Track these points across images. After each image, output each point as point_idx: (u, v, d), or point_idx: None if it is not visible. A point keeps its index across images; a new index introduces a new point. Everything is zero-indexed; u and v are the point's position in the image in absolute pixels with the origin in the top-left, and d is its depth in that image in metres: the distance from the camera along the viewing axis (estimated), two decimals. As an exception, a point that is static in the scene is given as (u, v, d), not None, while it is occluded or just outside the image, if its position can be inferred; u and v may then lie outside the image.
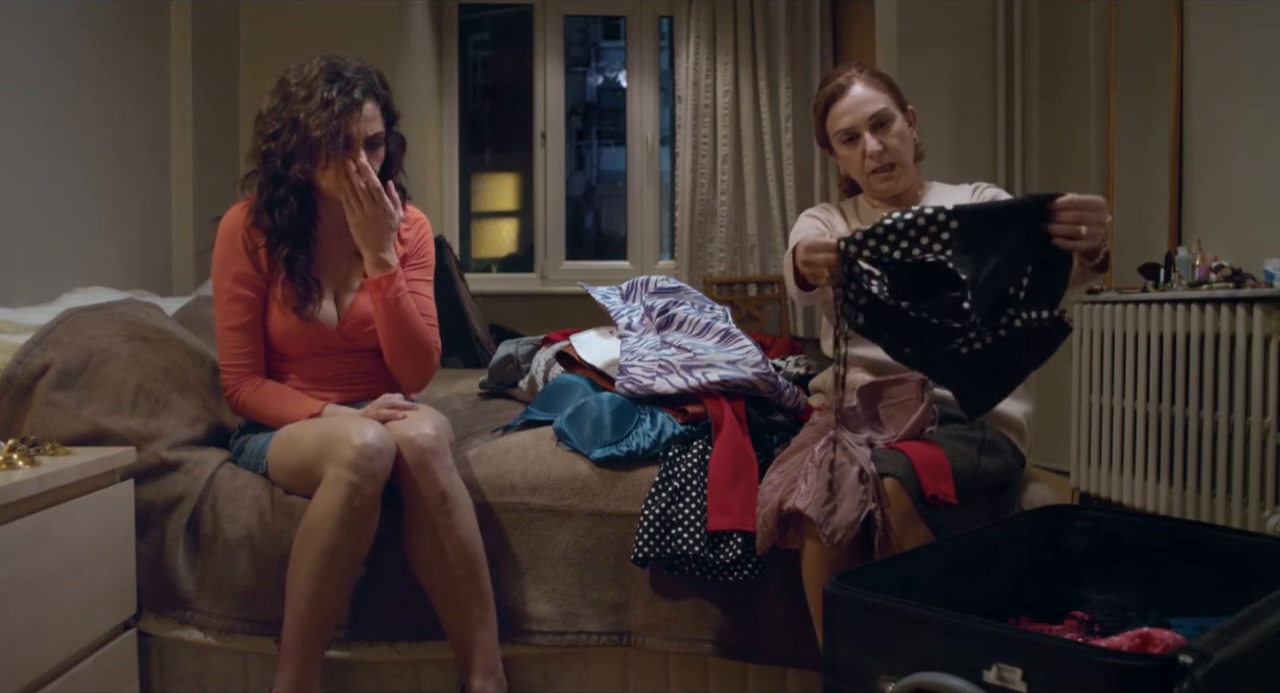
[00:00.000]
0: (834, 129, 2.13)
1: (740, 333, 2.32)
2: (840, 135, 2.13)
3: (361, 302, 2.11)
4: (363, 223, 2.00)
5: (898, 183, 2.13)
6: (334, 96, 1.94)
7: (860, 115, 2.09)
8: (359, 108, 1.97)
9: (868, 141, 2.08)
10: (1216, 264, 2.93)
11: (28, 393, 2.01)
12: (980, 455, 1.87)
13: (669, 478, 2.01)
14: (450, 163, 5.40)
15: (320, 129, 1.93)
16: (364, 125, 1.98)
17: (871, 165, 2.10)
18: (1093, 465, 3.42)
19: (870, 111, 2.08)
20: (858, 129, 2.09)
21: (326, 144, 1.94)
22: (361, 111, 1.97)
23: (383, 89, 2.04)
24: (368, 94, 1.99)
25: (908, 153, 2.13)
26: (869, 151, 2.09)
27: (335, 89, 1.95)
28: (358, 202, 1.99)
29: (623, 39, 5.54)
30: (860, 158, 2.11)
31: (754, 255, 5.11)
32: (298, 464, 1.92)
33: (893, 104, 2.11)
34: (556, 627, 2.00)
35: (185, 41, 3.66)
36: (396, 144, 2.11)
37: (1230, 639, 1.16)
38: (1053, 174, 4.31)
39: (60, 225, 2.93)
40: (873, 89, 2.11)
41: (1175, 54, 3.39)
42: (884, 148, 2.09)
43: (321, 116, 1.93)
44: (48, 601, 1.62)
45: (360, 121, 1.97)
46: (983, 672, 1.18)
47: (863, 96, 2.10)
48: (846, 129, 2.11)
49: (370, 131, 1.99)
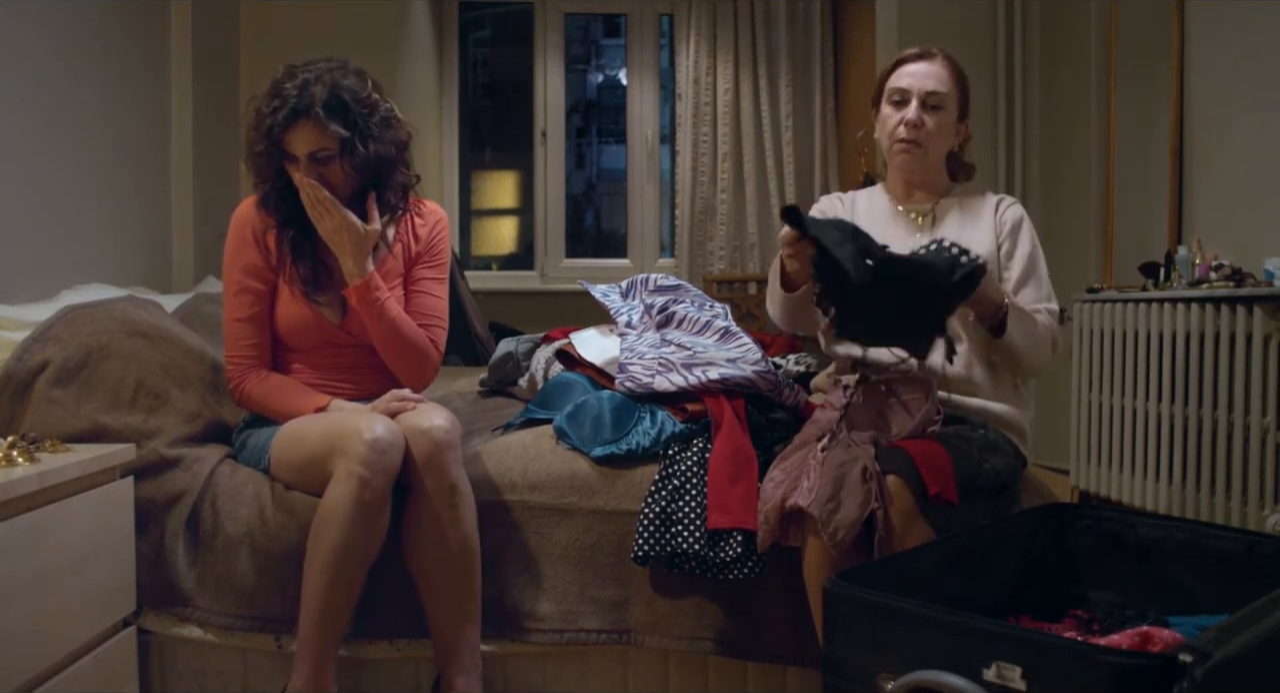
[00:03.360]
0: (892, 84, 2.12)
1: (740, 331, 2.32)
2: (893, 93, 2.11)
3: None
4: (328, 233, 2.01)
5: (913, 163, 2.12)
6: (268, 114, 1.96)
7: (920, 85, 2.09)
8: (290, 128, 1.96)
9: (911, 109, 2.08)
10: (1217, 263, 2.93)
11: (27, 390, 2.01)
12: (982, 455, 1.87)
13: (669, 476, 2.01)
14: (450, 160, 5.40)
15: (259, 143, 1.98)
16: (300, 144, 1.97)
17: (901, 133, 2.09)
18: (1093, 464, 3.42)
19: (930, 88, 2.08)
20: (910, 94, 2.09)
21: (266, 159, 2.00)
22: (294, 131, 1.96)
23: (337, 105, 1.96)
24: (299, 116, 1.94)
25: (939, 146, 2.13)
26: (908, 119, 2.08)
27: (273, 106, 1.96)
28: (315, 214, 1.99)
29: (623, 37, 5.54)
30: (897, 122, 2.10)
31: (754, 254, 5.11)
32: (305, 460, 1.92)
33: (955, 100, 2.12)
34: (556, 625, 1.99)
35: (185, 39, 3.66)
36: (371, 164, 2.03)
37: (1230, 638, 1.15)
38: (1053, 172, 4.31)
39: (60, 223, 2.93)
40: (949, 76, 2.12)
41: (1176, 52, 3.38)
42: (921, 124, 2.08)
43: (258, 133, 1.98)
44: (47, 598, 1.62)
45: (296, 140, 1.96)
46: (982, 670, 1.18)
47: (936, 73, 2.10)
48: (902, 89, 2.10)
49: (307, 149, 1.97)
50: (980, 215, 2.14)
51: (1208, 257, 3.00)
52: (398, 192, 2.12)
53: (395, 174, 2.11)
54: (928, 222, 2.14)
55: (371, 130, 2.02)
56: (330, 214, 1.99)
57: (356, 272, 2.02)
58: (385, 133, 2.05)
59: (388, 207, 2.12)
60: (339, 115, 1.96)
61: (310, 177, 1.98)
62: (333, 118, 1.95)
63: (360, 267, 2.02)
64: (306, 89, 1.95)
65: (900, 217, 2.17)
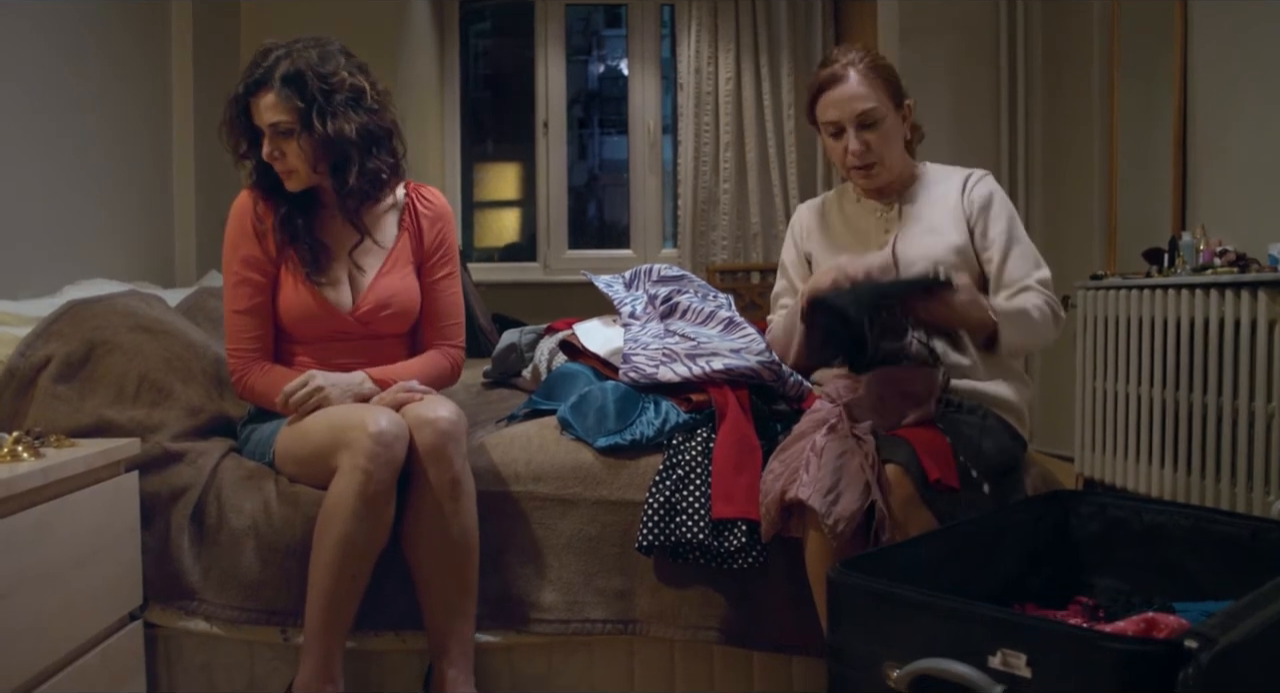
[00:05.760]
0: (821, 117, 2.09)
1: (744, 321, 2.32)
2: (827, 126, 2.09)
3: (378, 285, 2.10)
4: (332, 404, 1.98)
5: (875, 180, 2.10)
6: (239, 84, 2.02)
7: (848, 111, 2.04)
8: (251, 97, 2.00)
9: (850, 139, 2.05)
10: (1221, 249, 2.92)
11: (30, 385, 2.01)
12: (981, 438, 1.87)
13: (673, 466, 2.01)
14: (452, 152, 5.40)
15: (228, 110, 2.04)
16: (261, 114, 2.00)
17: (852, 162, 2.07)
18: (1097, 451, 3.41)
19: (858, 110, 2.03)
20: (843, 124, 2.06)
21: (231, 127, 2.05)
22: (255, 101, 2.00)
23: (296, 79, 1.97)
24: (260, 86, 1.99)
25: (892, 152, 2.09)
26: (851, 149, 2.05)
27: (243, 77, 2.02)
28: (308, 409, 1.97)
29: (624, 27, 5.53)
30: (842, 152, 2.08)
31: (757, 243, 5.10)
32: (309, 453, 1.92)
33: (886, 101, 2.05)
34: (561, 615, 2.00)
35: (186, 34, 3.66)
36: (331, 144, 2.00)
37: (1235, 624, 1.15)
38: (1057, 159, 4.30)
39: (63, 218, 2.93)
40: (867, 85, 2.04)
41: (1179, 39, 3.37)
42: (866, 147, 2.05)
43: (228, 101, 2.04)
44: (53, 593, 1.62)
45: (258, 110, 2.00)
46: (987, 658, 1.18)
47: (855, 92, 2.04)
48: (832, 122, 2.07)
49: (269, 120, 1.99)
50: (948, 198, 2.11)
51: (1212, 242, 2.99)
52: (368, 178, 2.04)
53: (365, 158, 2.03)
54: (895, 214, 2.13)
55: (333, 108, 1.99)
56: (317, 402, 1.96)
57: (373, 385, 2.03)
58: (351, 112, 2.01)
59: (356, 194, 2.05)
60: (296, 88, 1.97)
61: (273, 150, 2.00)
62: (289, 90, 1.97)
63: (371, 385, 2.02)
64: (275, 63, 1.99)
65: (870, 215, 2.17)
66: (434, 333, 2.19)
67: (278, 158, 2.01)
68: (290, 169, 2.02)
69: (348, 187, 2.03)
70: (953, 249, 2.04)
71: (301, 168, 2.02)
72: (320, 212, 2.12)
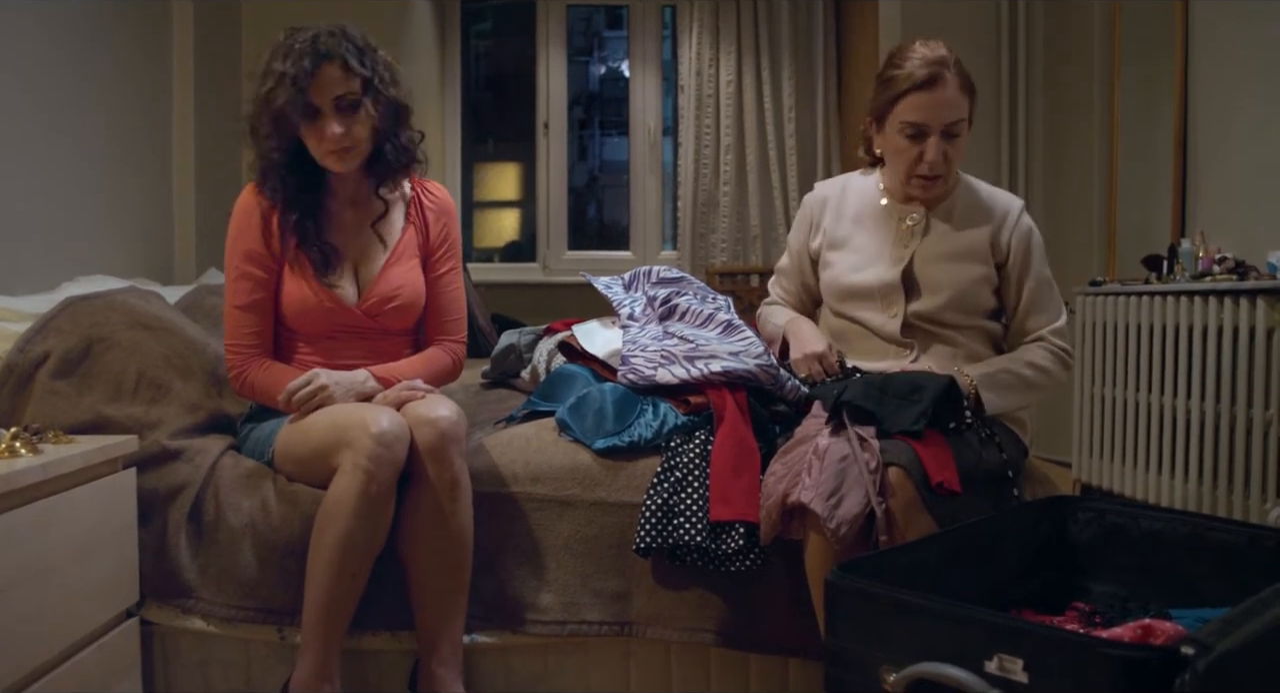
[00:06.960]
0: (902, 115, 1.97)
1: (742, 324, 2.32)
2: (906, 126, 1.97)
3: (385, 277, 2.10)
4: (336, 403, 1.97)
5: (933, 192, 2.05)
6: (286, 68, 1.95)
7: (940, 119, 1.94)
8: (315, 74, 1.95)
9: (932, 147, 1.96)
10: (1220, 256, 2.93)
11: (28, 381, 2.01)
12: (983, 446, 1.87)
13: (671, 468, 2.01)
14: (452, 153, 5.40)
15: (282, 95, 1.94)
16: (326, 90, 1.96)
17: (924, 170, 1.99)
18: (1095, 457, 3.42)
19: (951, 119, 1.95)
20: (929, 130, 1.96)
21: (290, 114, 1.95)
22: (320, 76, 1.95)
23: (353, 49, 1.98)
24: (324, 58, 1.95)
25: (957, 165, 2.04)
26: (929, 158, 1.96)
27: (289, 61, 1.95)
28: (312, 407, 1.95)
29: (625, 28, 5.53)
30: (915, 158, 1.98)
31: (756, 246, 5.11)
32: (310, 452, 1.92)
33: (969, 112, 2.00)
34: (558, 616, 2.00)
35: (187, 32, 3.66)
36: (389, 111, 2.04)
37: (1232, 631, 1.15)
38: (1056, 165, 4.30)
39: (62, 214, 2.93)
40: (963, 94, 1.96)
41: (1180, 46, 3.37)
42: (944, 158, 1.97)
43: (281, 87, 1.95)
44: (50, 589, 1.62)
45: (322, 86, 1.95)
46: (984, 662, 1.18)
47: (952, 100, 1.94)
48: (918, 124, 1.96)
49: (335, 93, 1.96)
50: (981, 227, 2.07)
51: (1211, 249, 2.99)
52: (403, 151, 2.08)
53: (404, 129, 2.09)
54: (921, 227, 2.09)
55: (386, 75, 2.04)
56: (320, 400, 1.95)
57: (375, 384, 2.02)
58: (396, 79, 2.07)
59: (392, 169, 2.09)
60: (358, 57, 1.98)
61: (337, 128, 1.96)
62: (354, 59, 1.97)
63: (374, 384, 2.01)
64: (319, 39, 1.97)
65: (892, 220, 2.12)
66: (436, 328, 2.19)
67: (340, 134, 1.97)
68: (354, 143, 2.00)
69: (384, 159, 2.06)
70: (974, 280, 2.04)
71: (365, 140, 2.02)
72: (327, 213, 2.11)
